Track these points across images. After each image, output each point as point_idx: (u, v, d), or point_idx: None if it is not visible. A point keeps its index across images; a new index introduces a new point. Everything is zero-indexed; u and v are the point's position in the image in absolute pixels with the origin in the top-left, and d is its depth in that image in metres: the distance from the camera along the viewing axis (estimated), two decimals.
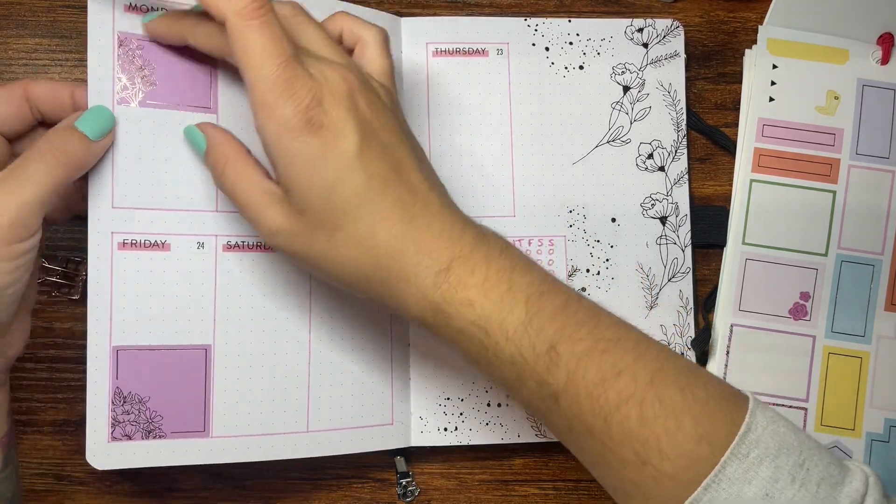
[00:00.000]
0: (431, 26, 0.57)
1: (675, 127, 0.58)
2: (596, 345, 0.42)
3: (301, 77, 0.43)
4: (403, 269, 0.43)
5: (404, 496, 0.57)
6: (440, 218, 0.44)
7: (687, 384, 0.42)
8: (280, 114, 0.42)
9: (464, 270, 0.43)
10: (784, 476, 0.40)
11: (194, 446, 0.51)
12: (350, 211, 0.43)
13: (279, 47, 0.42)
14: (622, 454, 0.42)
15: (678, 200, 0.58)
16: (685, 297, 0.57)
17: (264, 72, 0.42)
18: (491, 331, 0.43)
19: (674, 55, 0.59)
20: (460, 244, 0.44)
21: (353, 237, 0.44)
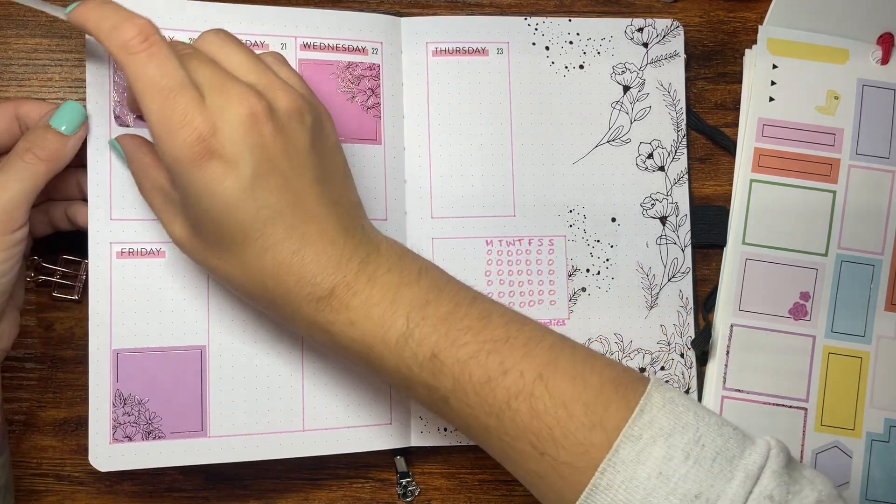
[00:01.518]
0: (431, 26, 0.57)
1: (674, 127, 0.58)
2: (482, 347, 0.44)
3: (191, 109, 0.43)
4: (286, 295, 0.45)
5: (404, 496, 0.57)
6: (331, 244, 0.45)
7: (579, 374, 0.43)
8: (170, 146, 0.43)
9: (346, 294, 0.45)
10: (678, 454, 0.40)
11: (193, 446, 0.52)
12: (237, 238, 0.45)
13: (166, 80, 0.43)
14: (520, 447, 0.43)
15: (678, 200, 0.58)
16: (685, 297, 0.57)
17: (153, 105, 0.43)
18: (374, 346, 0.45)
19: (674, 55, 0.59)
20: (345, 269, 0.45)
21: (241, 262, 0.45)
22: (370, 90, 0.56)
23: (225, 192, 0.43)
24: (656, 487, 0.40)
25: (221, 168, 0.43)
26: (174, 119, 0.43)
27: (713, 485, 0.40)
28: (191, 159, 0.43)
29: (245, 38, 0.54)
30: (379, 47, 0.56)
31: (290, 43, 0.55)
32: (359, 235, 0.46)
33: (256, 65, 0.47)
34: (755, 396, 0.56)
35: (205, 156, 0.43)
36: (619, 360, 0.45)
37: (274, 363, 0.54)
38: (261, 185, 0.44)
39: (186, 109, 0.43)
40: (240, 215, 0.44)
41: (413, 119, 0.57)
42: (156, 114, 0.43)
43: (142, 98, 0.43)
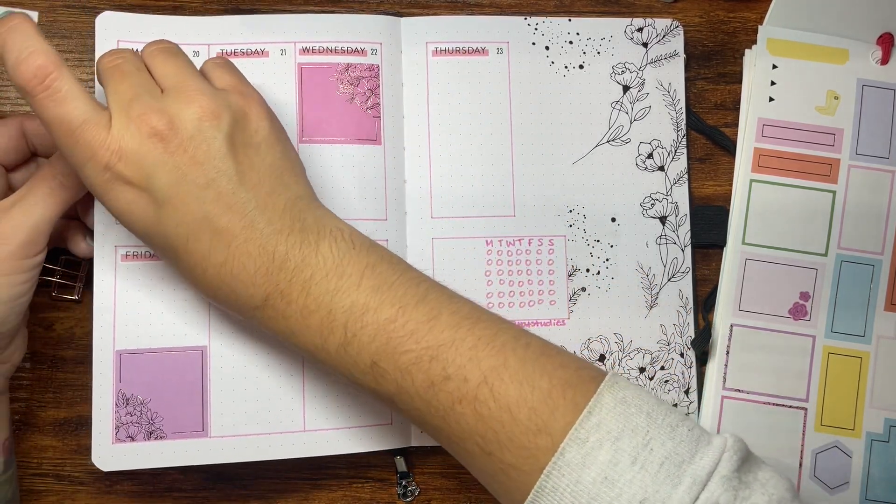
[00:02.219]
0: (431, 26, 0.58)
1: (674, 127, 0.58)
2: (424, 353, 0.43)
3: (94, 141, 0.43)
4: (226, 303, 0.46)
5: (404, 496, 0.57)
6: (260, 252, 0.45)
7: (527, 377, 0.42)
8: (84, 179, 0.45)
9: (281, 303, 0.45)
10: (624, 458, 0.40)
11: (194, 446, 0.52)
12: (168, 255, 0.46)
13: (67, 118, 0.44)
14: (468, 448, 0.43)
15: (678, 200, 0.58)
16: (685, 296, 0.57)
17: (59, 142, 0.44)
18: (316, 353, 0.45)
19: (673, 55, 0.59)
20: (277, 278, 0.44)
21: (183, 272, 0.47)
22: (370, 91, 0.56)
23: (139, 218, 0.44)
24: (601, 492, 0.39)
25: (132, 194, 0.44)
26: (80, 153, 0.44)
27: (658, 490, 0.39)
28: (102, 189, 0.44)
29: (245, 46, 0.55)
30: (378, 48, 0.56)
31: (290, 49, 0.56)
32: (294, 236, 0.45)
33: (177, 73, 0.47)
34: (755, 396, 0.56)
35: (114, 182, 0.44)
36: (580, 356, 0.44)
37: (274, 364, 0.54)
38: (173, 204, 0.44)
39: (90, 142, 0.43)
40: (159, 237, 0.45)
41: (413, 119, 0.57)
42: (64, 149, 0.44)
43: (50, 135, 0.44)
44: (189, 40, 0.55)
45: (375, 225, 0.55)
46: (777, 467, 0.53)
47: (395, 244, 0.55)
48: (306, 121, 0.55)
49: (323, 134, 0.55)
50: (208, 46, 0.56)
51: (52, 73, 0.44)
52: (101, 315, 0.53)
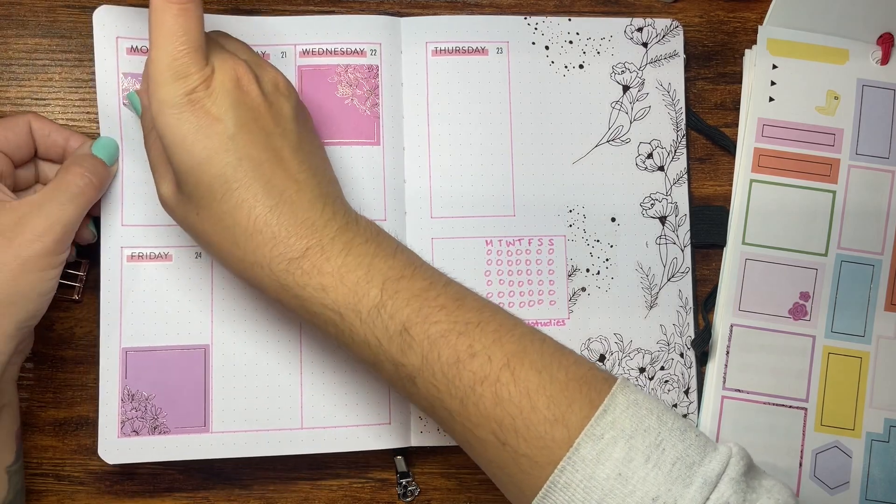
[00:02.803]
0: (431, 25, 0.58)
1: (674, 126, 0.58)
2: (453, 327, 0.44)
3: (198, 63, 0.45)
4: (257, 252, 0.45)
5: (404, 496, 0.57)
6: (308, 207, 0.46)
7: (546, 366, 0.43)
8: (166, 90, 0.45)
9: (320, 258, 0.45)
10: (638, 456, 0.40)
11: (196, 441, 0.53)
12: (216, 189, 0.45)
13: (188, 34, 0.45)
14: (482, 435, 0.43)
15: (678, 200, 0.58)
16: (685, 296, 0.57)
17: (166, 51, 0.45)
18: (345, 314, 0.45)
19: (673, 55, 0.59)
20: (321, 233, 0.45)
21: (215, 215, 0.46)
22: (369, 91, 0.56)
23: (211, 136, 0.45)
24: (614, 488, 0.40)
25: (207, 119, 0.45)
26: (176, 70, 0.44)
27: (671, 489, 0.40)
28: (182, 104, 0.45)
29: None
30: (378, 48, 0.56)
31: (290, 51, 0.56)
32: (337, 205, 0.47)
33: (252, 51, 0.50)
34: (755, 396, 0.56)
35: (196, 103, 0.45)
36: (590, 360, 0.45)
37: (273, 362, 0.54)
38: (244, 136, 0.45)
39: (189, 65, 0.45)
40: (220, 165, 0.45)
41: (412, 119, 0.57)
42: (161, 61, 0.45)
43: (157, 44, 0.45)
44: None
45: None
46: (777, 467, 0.53)
47: None
48: None
49: (323, 135, 0.55)
50: None
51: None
52: (107, 313, 0.54)
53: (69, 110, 0.58)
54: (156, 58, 0.45)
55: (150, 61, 0.45)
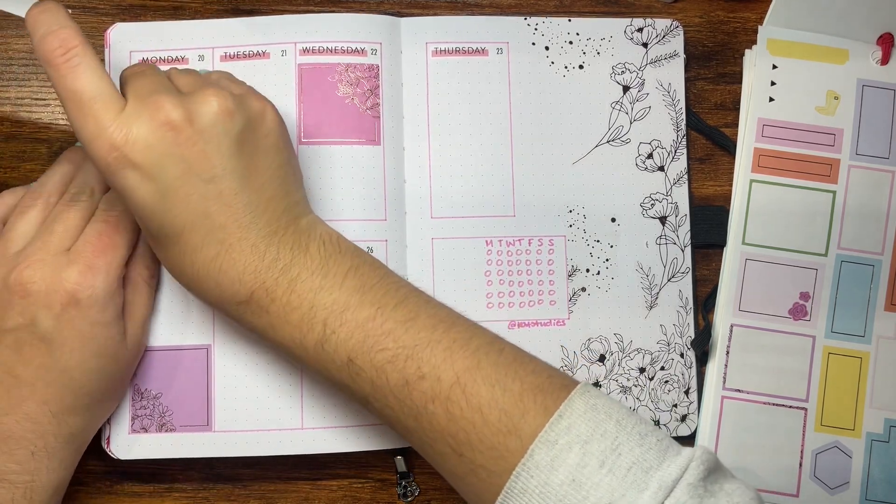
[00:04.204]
0: (431, 26, 0.58)
1: (674, 127, 0.58)
2: (401, 352, 0.44)
3: (104, 119, 0.44)
4: (210, 296, 0.47)
5: (404, 496, 0.57)
6: (250, 252, 0.46)
7: (500, 379, 0.43)
8: (91, 154, 0.45)
9: (265, 299, 0.46)
10: (593, 461, 0.40)
11: (199, 440, 0.54)
12: (161, 241, 0.47)
13: (82, 92, 0.44)
14: (439, 448, 0.44)
15: (678, 200, 0.58)
16: (685, 297, 0.57)
17: (70, 115, 0.45)
18: (293, 349, 0.46)
19: (673, 55, 0.59)
20: (265, 276, 0.46)
21: (171, 258, 0.47)
22: (369, 91, 0.56)
23: (141, 201, 0.45)
24: (568, 494, 0.40)
25: (136, 177, 0.44)
26: (88, 129, 0.44)
27: (625, 494, 0.39)
28: (108, 167, 0.44)
29: (246, 48, 0.56)
30: (378, 48, 0.56)
31: (290, 49, 0.56)
32: (287, 238, 0.47)
33: (196, 81, 0.48)
34: (755, 396, 0.56)
35: (120, 164, 0.44)
36: (552, 365, 0.45)
37: (273, 362, 0.55)
38: (176, 194, 0.45)
39: (100, 118, 0.44)
40: (156, 222, 0.45)
41: (412, 119, 0.57)
42: (73, 123, 0.44)
43: (64, 108, 0.44)
44: (193, 44, 0.56)
45: (375, 225, 0.55)
46: (777, 467, 0.53)
47: (395, 244, 0.55)
48: (306, 122, 0.56)
49: (323, 135, 0.55)
50: (212, 49, 0.56)
51: (75, 46, 0.44)
52: None
53: None
54: (70, 121, 0.44)
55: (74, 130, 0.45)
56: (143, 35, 0.56)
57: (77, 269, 0.48)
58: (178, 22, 0.56)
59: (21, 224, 0.50)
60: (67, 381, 0.48)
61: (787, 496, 0.56)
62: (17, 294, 0.48)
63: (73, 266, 0.48)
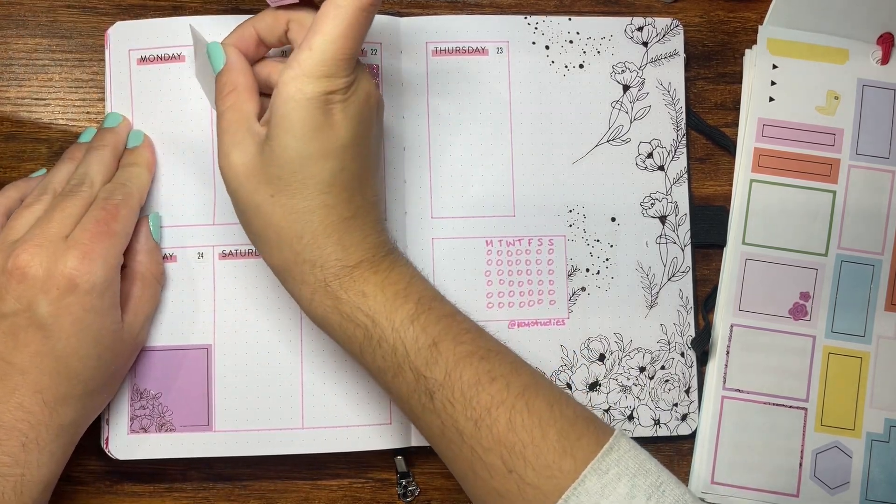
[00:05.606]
0: (431, 25, 0.58)
1: (674, 126, 0.58)
2: (477, 350, 0.46)
3: (346, 70, 0.45)
4: (317, 252, 0.47)
5: (404, 496, 0.57)
6: (372, 227, 0.48)
7: (556, 401, 0.45)
8: (308, 83, 0.45)
9: (368, 270, 0.47)
10: (640, 494, 0.42)
11: (200, 439, 0.54)
12: (307, 184, 0.46)
13: (355, 41, 0.45)
14: (490, 460, 0.44)
15: (678, 200, 0.58)
16: (685, 296, 0.57)
17: (328, 47, 0.45)
18: (377, 320, 0.46)
19: (673, 54, 0.59)
20: (374, 251, 0.47)
21: (293, 206, 0.46)
22: None
23: (323, 142, 0.45)
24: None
25: (328, 123, 0.45)
26: (327, 69, 0.45)
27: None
28: (312, 101, 0.45)
29: None
30: (378, 48, 0.56)
31: (289, 50, 0.56)
32: (387, 231, 0.50)
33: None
34: (755, 396, 0.56)
35: (325, 106, 0.45)
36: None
37: (274, 362, 0.55)
38: (353, 150, 0.47)
39: (341, 69, 0.45)
40: (324, 167, 0.46)
41: (413, 119, 0.57)
42: (321, 55, 0.45)
43: (320, 35, 0.45)
44: (192, 41, 0.55)
45: None
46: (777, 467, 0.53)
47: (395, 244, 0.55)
48: None
49: None
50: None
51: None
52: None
53: (69, 110, 0.58)
54: (317, 48, 0.45)
55: (309, 49, 0.45)
56: (143, 33, 0.56)
57: (75, 255, 0.48)
58: (178, 18, 0.56)
59: (25, 215, 0.50)
60: (62, 368, 0.48)
61: (787, 496, 0.56)
62: (14, 278, 0.48)
63: (72, 252, 0.48)
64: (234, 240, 0.55)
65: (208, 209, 0.56)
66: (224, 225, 0.56)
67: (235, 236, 0.55)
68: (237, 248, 0.56)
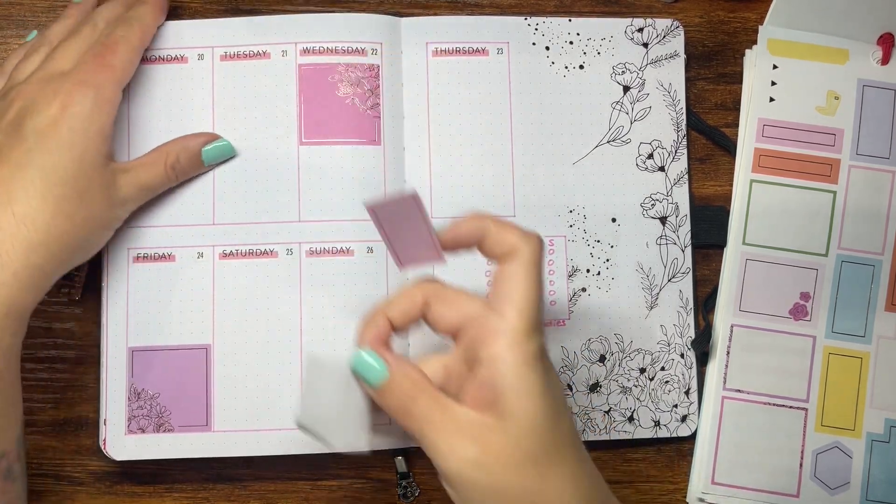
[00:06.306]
0: (431, 26, 0.58)
1: (674, 127, 0.58)
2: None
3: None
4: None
5: (404, 496, 0.57)
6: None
7: None
8: (531, 343, 0.42)
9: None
10: None
11: (198, 440, 0.54)
12: (567, 445, 0.43)
13: (540, 288, 0.43)
14: None
15: (678, 201, 0.58)
16: (685, 297, 0.57)
17: (527, 301, 0.43)
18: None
19: (674, 55, 0.59)
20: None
21: (569, 474, 0.43)
22: (370, 91, 0.56)
23: (556, 394, 0.43)
24: None
25: (551, 371, 0.44)
26: (538, 321, 0.44)
27: None
28: (542, 357, 0.43)
29: (247, 48, 0.56)
30: (378, 48, 0.56)
31: (291, 49, 0.56)
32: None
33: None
34: (755, 397, 0.56)
35: (545, 356, 0.43)
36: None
37: (273, 362, 0.55)
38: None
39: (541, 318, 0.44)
40: (567, 419, 0.44)
41: (413, 119, 0.57)
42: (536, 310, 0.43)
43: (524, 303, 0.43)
44: (193, 43, 0.56)
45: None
46: (777, 468, 0.53)
47: None
48: (307, 122, 0.56)
49: (324, 135, 0.55)
50: (212, 49, 0.56)
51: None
52: (114, 314, 0.55)
53: None
54: (524, 308, 0.42)
55: (518, 312, 0.42)
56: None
57: (70, 82, 0.49)
58: (177, 22, 0.56)
59: (27, 64, 0.52)
60: (38, 180, 0.47)
61: (788, 496, 0.56)
62: (14, 104, 0.49)
63: (68, 80, 0.49)
64: (233, 240, 0.55)
65: (208, 209, 0.56)
66: (224, 225, 0.55)
67: (235, 236, 0.55)
68: (237, 248, 0.55)
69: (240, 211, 0.56)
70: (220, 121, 0.56)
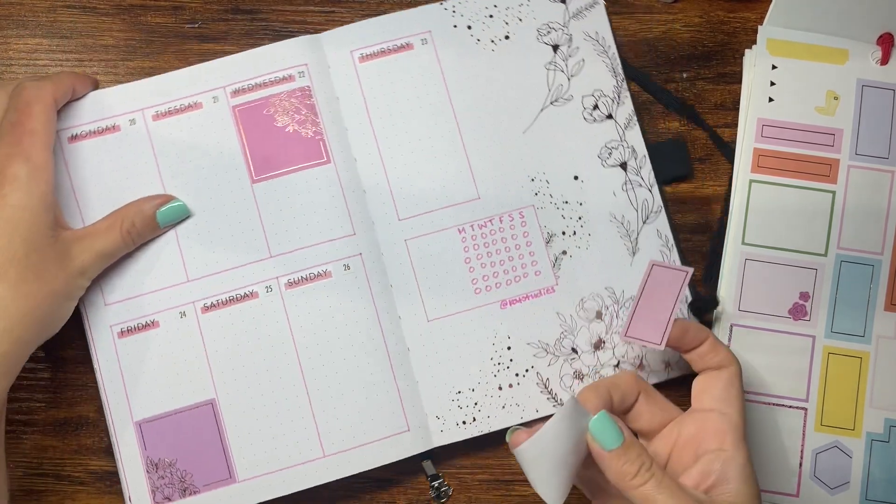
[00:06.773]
0: (351, 33, 0.58)
1: (612, 73, 0.58)
2: None
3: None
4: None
5: (438, 497, 0.57)
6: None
7: None
8: (747, 441, 0.49)
9: None
10: None
11: (226, 494, 0.54)
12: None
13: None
14: None
15: (633, 143, 0.58)
16: (664, 235, 0.57)
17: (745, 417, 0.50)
18: None
19: (594, 4, 0.59)
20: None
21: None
22: (307, 114, 0.56)
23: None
24: None
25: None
26: None
27: None
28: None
29: (178, 103, 0.57)
30: (305, 69, 0.57)
31: (221, 94, 0.57)
32: None
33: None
34: (755, 396, 0.56)
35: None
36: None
37: (280, 398, 0.55)
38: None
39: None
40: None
41: (356, 130, 0.57)
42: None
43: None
44: (122, 109, 0.56)
45: (346, 242, 0.55)
46: (777, 467, 0.53)
47: (370, 256, 0.56)
48: (254, 160, 0.56)
49: (273, 168, 0.56)
50: (142, 111, 0.57)
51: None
52: (113, 391, 0.55)
53: None
54: (743, 410, 0.50)
55: (743, 410, 0.50)
56: (75, 108, 0.56)
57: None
58: (99, 91, 0.56)
59: None
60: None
61: (788, 496, 0.56)
62: None
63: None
64: (211, 291, 0.56)
65: (178, 268, 0.56)
66: (198, 279, 0.56)
67: (212, 287, 0.56)
68: (217, 298, 0.56)
69: (210, 262, 0.56)
70: (169, 179, 0.56)
